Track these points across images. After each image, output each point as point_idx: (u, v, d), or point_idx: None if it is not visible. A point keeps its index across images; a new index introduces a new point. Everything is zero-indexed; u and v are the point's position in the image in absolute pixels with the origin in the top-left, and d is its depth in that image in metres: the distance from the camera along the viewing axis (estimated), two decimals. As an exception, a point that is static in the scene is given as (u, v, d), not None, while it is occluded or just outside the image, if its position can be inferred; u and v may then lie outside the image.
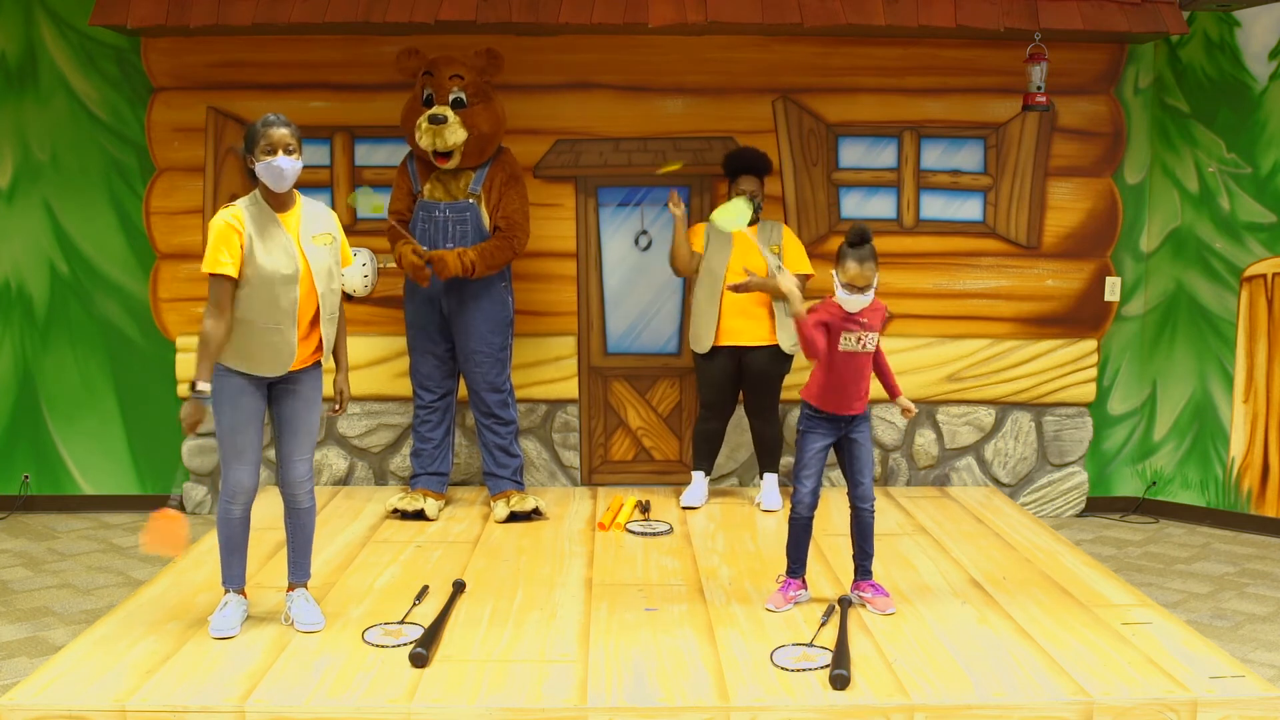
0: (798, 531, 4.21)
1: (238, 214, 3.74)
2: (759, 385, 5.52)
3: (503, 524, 5.34)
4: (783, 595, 4.21)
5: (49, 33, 5.94)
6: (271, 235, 3.74)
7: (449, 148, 5.18)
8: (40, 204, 6.03)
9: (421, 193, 5.37)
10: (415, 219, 5.36)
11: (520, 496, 5.43)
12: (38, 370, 6.13)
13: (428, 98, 5.27)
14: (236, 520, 3.92)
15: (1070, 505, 6.25)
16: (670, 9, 5.54)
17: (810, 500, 4.16)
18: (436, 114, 5.16)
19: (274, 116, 3.75)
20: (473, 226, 5.31)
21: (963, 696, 3.43)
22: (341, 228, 4.00)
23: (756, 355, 5.47)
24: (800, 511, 4.17)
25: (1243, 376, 5.94)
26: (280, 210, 3.79)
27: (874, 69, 5.96)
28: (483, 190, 5.34)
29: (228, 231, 3.69)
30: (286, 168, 3.71)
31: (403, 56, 5.36)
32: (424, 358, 5.48)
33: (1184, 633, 3.97)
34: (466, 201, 5.31)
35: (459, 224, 5.30)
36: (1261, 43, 5.77)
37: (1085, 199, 6.08)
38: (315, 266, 3.81)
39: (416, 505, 5.37)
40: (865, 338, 4.10)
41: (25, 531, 5.86)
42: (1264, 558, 5.55)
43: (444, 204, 5.31)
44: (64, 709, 3.36)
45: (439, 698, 3.41)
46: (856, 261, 3.97)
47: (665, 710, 3.36)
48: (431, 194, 5.35)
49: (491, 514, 5.46)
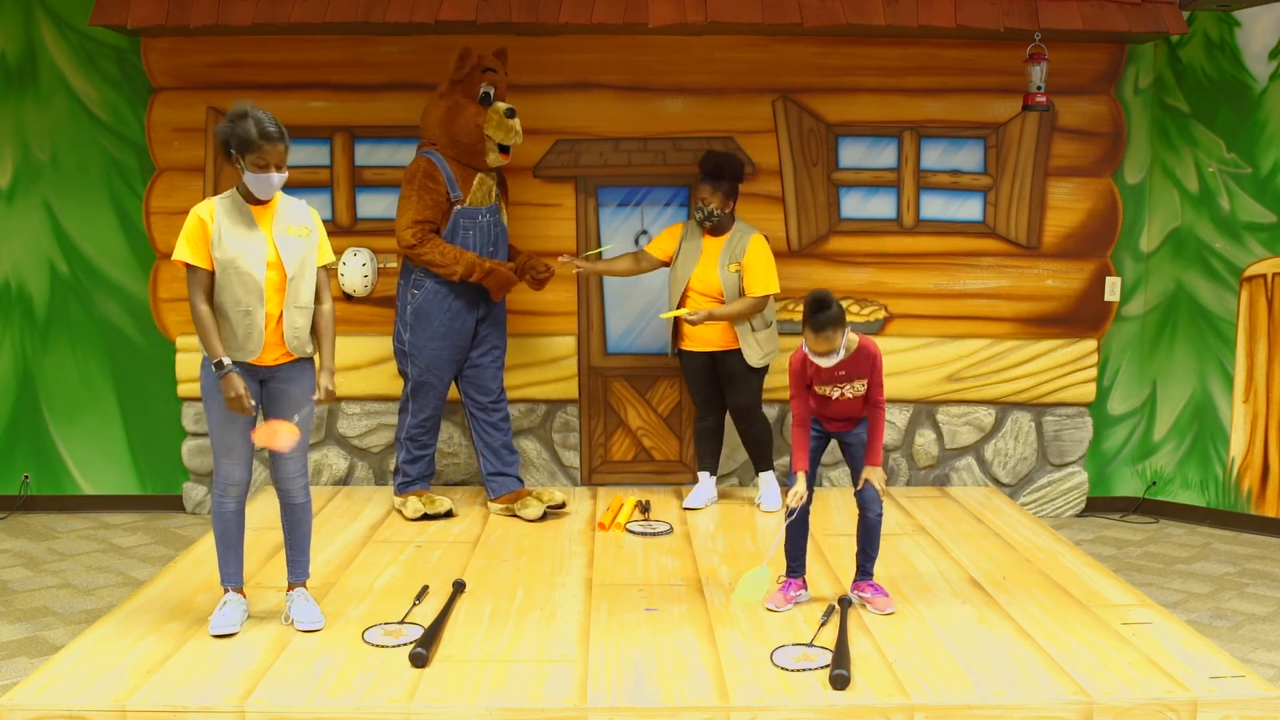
0: (792, 531, 4.20)
1: (210, 207, 3.81)
2: (734, 386, 5.47)
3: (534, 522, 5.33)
4: (783, 595, 4.20)
5: (49, 33, 5.94)
6: (242, 224, 3.81)
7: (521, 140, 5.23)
8: (40, 204, 6.03)
9: (462, 199, 5.26)
10: (455, 227, 5.24)
11: (548, 492, 5.49)
12: (38, 370, 6.13)
13: (485, 95, 5.22)
14: (230, 514, 3.93)
15: (1070, 505, 6.25)
16: (670, 9, 5.54)
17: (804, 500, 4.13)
18: (512, 108, 5.18)
19: (273, 128, 3.74)
20: (501, 227, 5.40)
21: (963, 696, 3.43)
22: (322, 226, 4.01)
23: (726, 358, 5.43)
24: (792, 511, 4.13)
25: (1243, 376, 5.94)
26: (255, 204, 3.85)
27: (874, 69, 5.96)
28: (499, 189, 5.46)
29: (195, 223, 3.79)
30: (276, 183, 3.80)
31: (465, 56, 5.18)
32: (449, 368, 5.40)
33: (1184, 633, 3.97)
34: (496, 203, 5.38)
35: (494, 225, 5.36)
36: (1261, 43, 5.77)
37: (1085, 199, 6.08)
38: (285, 254, 3.84)
39: (444, 507, 5.38)
40: (847, 388, 4.05)
41: (25, 531, 5.86)
42: (1264, 558, 5.55)
43: (484, 208, 5.31)
44: (64, 709, 3.37)
45: (439, 698, 3.41)
46: (813, 331, 3.88)
47: (665, 710, 3.36)
48: (474, 200, 5.28)
49: (520, 513, 5.37)
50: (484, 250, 5.30)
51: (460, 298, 5.29)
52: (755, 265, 5.31)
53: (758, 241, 5.37)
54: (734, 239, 5.36)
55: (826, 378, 4.03)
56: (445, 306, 5.28)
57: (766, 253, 5.37)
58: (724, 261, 5.33)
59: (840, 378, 4.03)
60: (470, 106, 5.19)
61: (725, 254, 5.33)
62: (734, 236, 5.36)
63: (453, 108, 5.20)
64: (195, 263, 3.77)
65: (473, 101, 5.20)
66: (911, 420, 6.16)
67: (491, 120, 5.16)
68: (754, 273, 5.31)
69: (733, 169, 5.32)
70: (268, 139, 3.72)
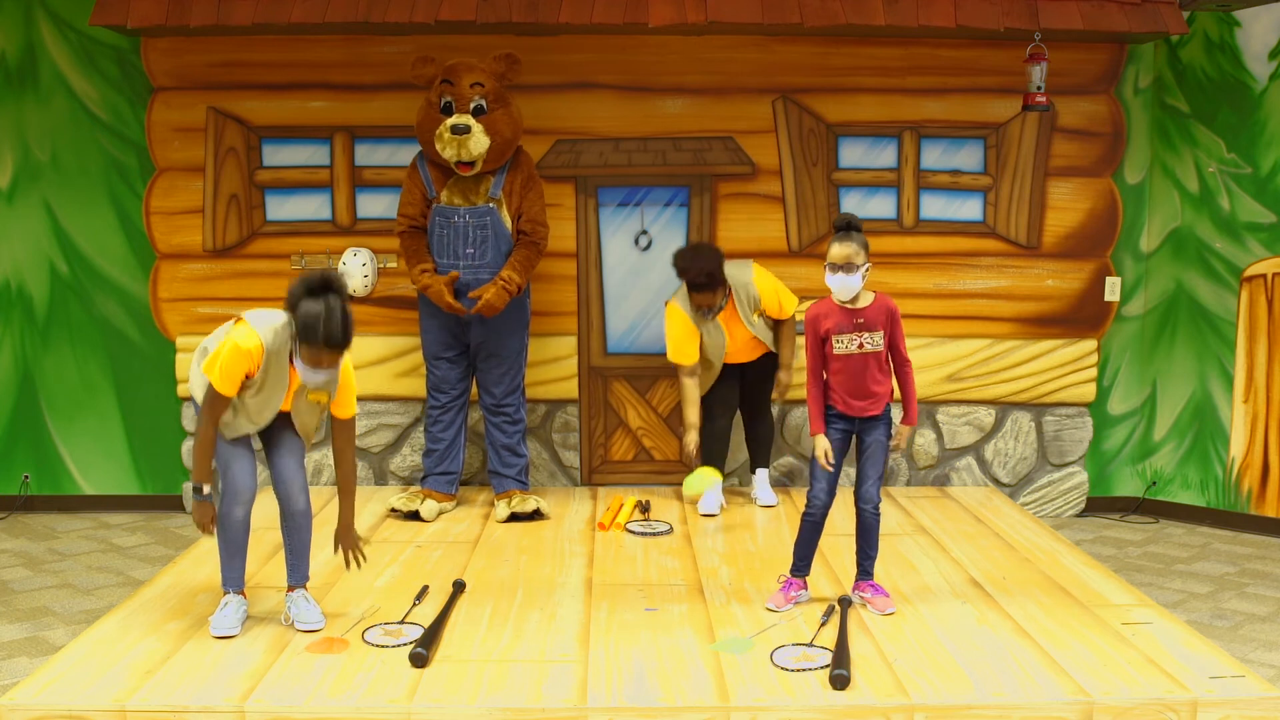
0: (807, 530, 4.20)
1: (260, 349, 3.70)
2: (763, 385, 5.60)
3: (503, 524, 5.34)
4: (784, 595, 4.20)
5: (49, 33, 5.93)
6: (274, 376, 3.79)
7: (473, 158, 5.14)
8: (40, 204, 6.03)
9: (438, 198, 5.31)
10: (432, 225, 5.32)
11: (522, 497, 5.42)
12: (38, 370, 6.13)
13: (446, 105, 5.19)
14: (238, 523, 3.92)
15: (1070, 505, 6.25)
16: (670, 9, 5.54)
17: (824, 500, 4.14)
18: (459, 124, 5.08)
19: (340, 337, 3.58)
20: (493, 231, 5.29)
21: (963, 696, 3.43)
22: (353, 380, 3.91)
23: (756, 362, 5.57)
24: (811, 510, 4.16)
25: (1243, 376, 5.94)
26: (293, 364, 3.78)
27: (874, 69, 5.96)
28: (503, 194, 5.35)
29: (239, 358, 3.68)
30: (322, 378, 3.71)
31: (418, 64, 5.26)
32: (442, 361, 5.45)
33: (1184, 633, 3.97)
34: (487, 206, 5.29)
35: (479, 229, 5.28)
36: (1261, 43, 5.77)
37: (1085, 199, 6.08)
38: (296, 417, 3.93)
39: (413, 506, 5.37)
40: (864, 338, 4.05)
41: (25, 531, 5.86)
42: (1264, 558, 5.55)
43: (463, 209, 5.28)
44: (64, 709, 3.36)
45: (439, 698, 3.41)
46: (838, 240, 4.00)
47: (665, 710, 3.36)
48: (449, 199, 5.30)
49: (493, 513, 5.46)
50: (462, 251, 5.28)
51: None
52: (772, 295, 5.42)
53: (761, 275, 5.46)
54: (740, 294, 5.39)
55: (844, 324, 4.03)
56: (427, 301, 5.42)
57: (770, 279, 5.48)
58: (746, 316, 5.40)
59: (859, 325, 4.03)
60: (432, 114, 5.22)
61: (743, 309, 5.40)
62: (739, 292, 5.39)
63: (422, 114, 5.27)
64: (224, 391, 3.72)
65: (434, 110, 5.22)
66: (911, 420, 6.16)
67: (438, 133, 5.16)
68: (775, 302, 5.42)
69: (712, 266, 5.24)
70: (332, 346, 3.60)
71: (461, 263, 5.30)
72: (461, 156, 5.12)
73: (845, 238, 4.00)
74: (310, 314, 3.55)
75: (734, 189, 6.01)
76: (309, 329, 3.56)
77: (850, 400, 4.10)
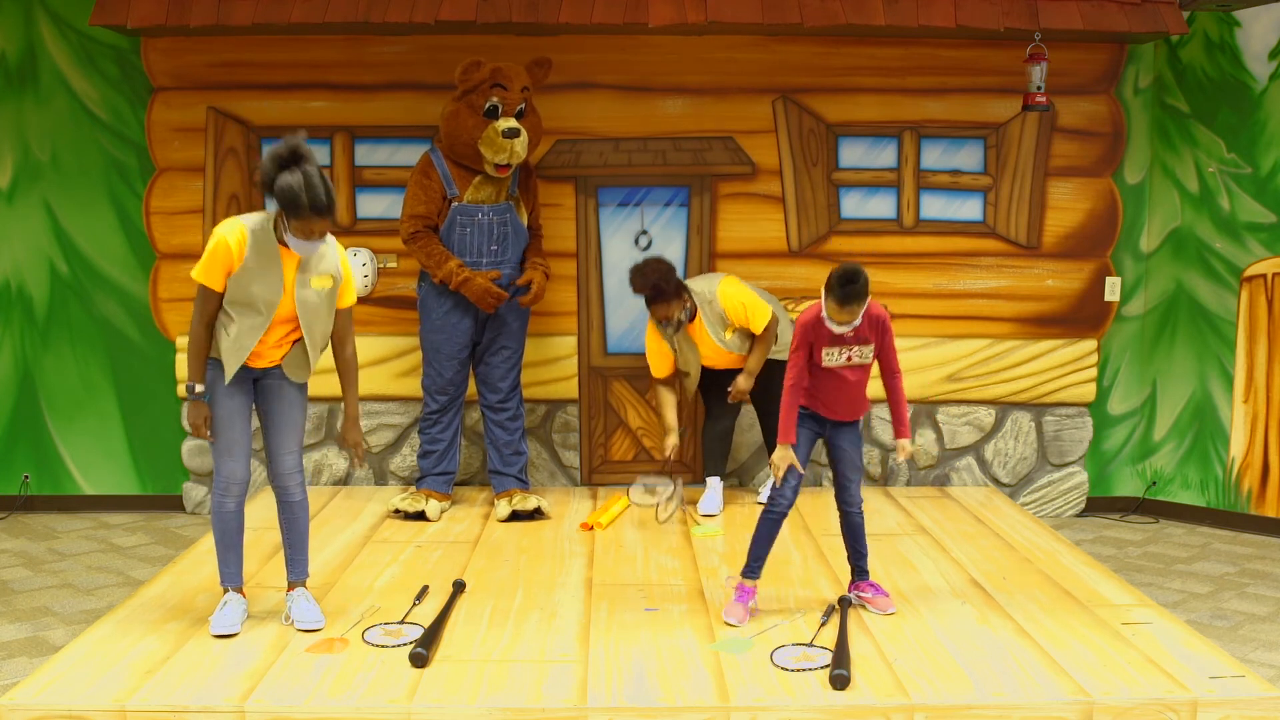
0: (767, 527, 4.09)
1: (240, 235, 3.68)
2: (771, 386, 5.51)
3: (503, 523, 5.34)
4: (743, 607, 4.08)
5: (49, 33, 5.93)
6: (267, 264, 3.72)
7: (520, 160, 5.22)
8: (40, 204, 6.03)
9: (459, 197, 5.31)
10: (452, 223, 5.30)
11: (523, 495, 5.43)
12: (38, 370, 6.13)
13: (492, 108, 5.18)
14: (231, 513, 3.92)
15: (1070, 505, 6.25)
16: (670, 9, 5.54)
17: (791, 498, 4.05)
18: (513, 128, 5.14)
19: (324, 199, 3.57)
20: (513, 227, 5.39)
21: (963, 696, 3.43)
22: (350, 268, 3.92)
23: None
24: (775, 507, 4.07)
25: (1243, 376, 5.94)
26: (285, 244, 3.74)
27: (874, 69, 5.96)
28: (519, 191, 5.45)
29: (221, 247, 3.67)
30: (318, 247, 3.72)
31: (470, 69, 5.18)
32: (449, 363, 5.43)
33: (1184, 633, 3.97)
34: (507, 204, 5.37)
35: (501, 225, 5.34)
36: (1261, 43, 5.77)
37: (1085, 199, 6.08)
38: (301, 307, 3.79)
39: (418, 506, 5.37)
40: (853, 351, 3.98)
41: (25, 531, 5.86)
42: (1264, 558, 5.55)
43: (487, 207, 5.32)
44: (64, 709, 3.36)
45: (439, 698, 3.41)
46: (838, 303, 3.84)
47: (665, 710, 3.36)
48: (474, 198, 5.32)
49: (493, 512, 5.46)
50: (486, 249, 5.32)
51: (452, 295, 5.33)
52: (739, 310, 5.31)
53: (725, 291, 5.33)
54: (708, 310, 5.35)
55: (833, 339, 3.94)
56: (442, 301, 5.37)
57: (739, 291, 5.35)
58: (717, 333, 5.35)
59: (848, 339, 3.95)
60: (471, 118, 5.19)
61: (711, 326, 5.35)
62: (703, 306, 5.35)
63: (455, 113, 5.23)
64: (209, 285, 3.71)
65: (476, 113, 5.19)
66: (911, 420, 6.16)
67: (487, 136, 5.16)
68: (743, 315, 5.31)
69: (664, 278, 5.18)
70: (318, 212, 3.58)
71: (485, 260, 5.33)
72: (511, 160, 5.18)
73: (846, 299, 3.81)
74: (290, 187, 3.54)
75: (734, 189, 6.01)
76: (293, 202, 3.55)
77: (830, 408, 4.06)
